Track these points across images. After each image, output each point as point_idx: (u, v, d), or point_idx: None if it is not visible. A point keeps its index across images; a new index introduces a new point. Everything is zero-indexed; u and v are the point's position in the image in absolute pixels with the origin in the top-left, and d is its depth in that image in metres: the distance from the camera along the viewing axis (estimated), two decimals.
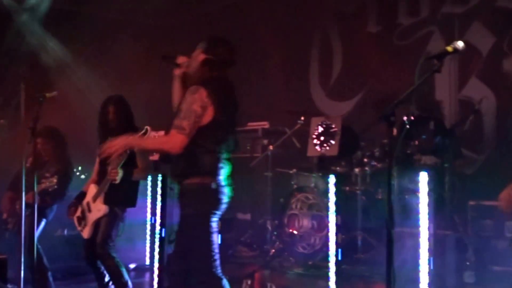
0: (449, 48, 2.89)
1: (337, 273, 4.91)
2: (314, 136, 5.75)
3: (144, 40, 8.21)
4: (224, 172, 3.72)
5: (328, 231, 5.05)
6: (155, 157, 5.96)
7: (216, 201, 3.68)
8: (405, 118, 4.87)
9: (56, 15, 7.86)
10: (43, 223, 5.62)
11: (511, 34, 6.09)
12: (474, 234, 5.23)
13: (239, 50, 8.50)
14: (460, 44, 2.89)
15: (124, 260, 5.16)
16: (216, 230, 3.76)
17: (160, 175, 5.56)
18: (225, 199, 3.74)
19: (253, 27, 8.39)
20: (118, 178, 4.89)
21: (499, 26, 6.20)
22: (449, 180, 5.34)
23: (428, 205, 4.45)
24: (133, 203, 5.18)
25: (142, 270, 6.43)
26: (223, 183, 3.71)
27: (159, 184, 5.56)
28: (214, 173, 3.67)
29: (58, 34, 7.98)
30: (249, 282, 5.46)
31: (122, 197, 5.12)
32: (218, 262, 3.76)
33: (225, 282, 3.76)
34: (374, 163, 5.57)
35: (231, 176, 3.79)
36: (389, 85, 6.59)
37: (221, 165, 3.70)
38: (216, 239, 3.77)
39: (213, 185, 3.66)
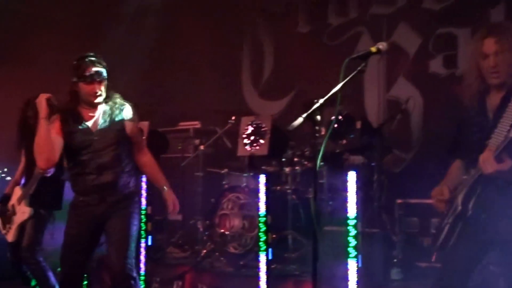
0: (373, 49, 2.95)
1: (267, 272, 4.91)
2: (244, 136, 5.74)
3: (63, 37, 7.99)
4: None
5: (259, 231, 5.05)
6: None
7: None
8: (332, 117, 4.91)
9: None
10: None
11: (436, 35, 6.26)
12: (401, 231, 5.34)
13: (171, 50, 8.46)
14: (383, 45, 2.95)
15: (55, 264, 4.98)
16: None
17: None
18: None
19: (184, 26, 8.31)
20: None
21: (425, 27, 6.36)
22: (377, 178, 5.43)
23: (356, 203, 4.50)
24: (59, 206, 5.04)
25: None
26: None
27: None
28: None
29: None
30: (179, 283, 5.40)
31: (47, 199, 4.98)
32: None
33: None
34: (304, 162, 5.61)
35: None
36: (320, 85, 6.65)
37: None
38: None
39: None
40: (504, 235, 2.98)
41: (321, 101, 2.75)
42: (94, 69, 3.81)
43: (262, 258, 4.93)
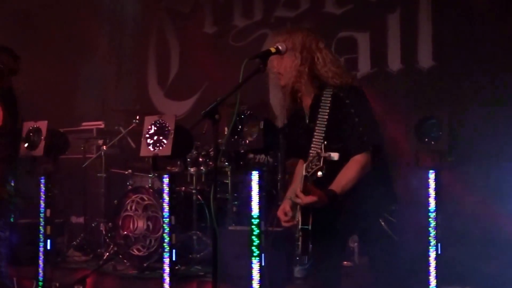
0: (272, 49, 2.99)
1: (171, 274, 4.86)
2: (147, 136, 5.64)
3: None
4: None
5: (163, 232, 4.99)
6: None
7: (7, 212, 3.70)
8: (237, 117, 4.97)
9: None
10: None
11: (338, 38, 6.42)
12: None
13: (74, 47, 8.21)
14: (282, 45, 3.00)
15: None
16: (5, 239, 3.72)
17: None
18: (12, 208, 3.80)
19: (87, 23, 8.10)
20: None
21: (327, 30, 6.51)
22: (281, 178, 5.50)
23: (259, 203, 4.52)
24: None
25: None
26: (13, 192, 3.72)
27: None
28: (4, 182, 3.68)
29: None
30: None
31: None
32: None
33: None
34: (209, 162, 5.60)
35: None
36: (226, 85, 6.65)
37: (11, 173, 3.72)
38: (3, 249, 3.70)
39: (5, 196, 3.66)
40: (349, 231, 3.15)
41: (219, 100, 2.76)
42: None
43: (166, 259, 4.88)
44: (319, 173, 2.76)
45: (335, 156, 2.70)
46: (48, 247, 5.38)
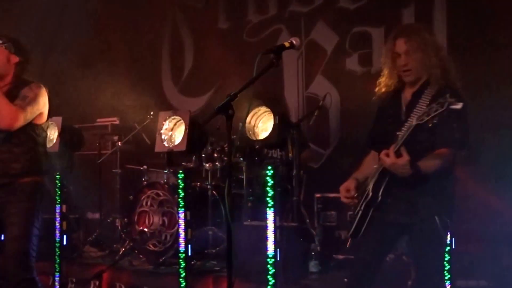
0: (286, 43, 3.00)
1: (187, 269, 4.89)
2: (161, 132, 5.66)
3: None
4: None
5: (179, 227, 5.01)
6: None
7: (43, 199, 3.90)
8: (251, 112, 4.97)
9: None
10: None
11: (352, 33, 6.41)
12: (319, 225, 5.44)
13: (89, 44, 8.22)
14: (296, 40, 3.02)
15: None
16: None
17: None
18: None
19: (102, 20, 8.14)
20: None
21: (341, 26, 6.50)
22: (296, 173, 5.49)
23: (274, 198, 4.53)
24: None
25: None
26: None
27: None
28: (47, 171, 3.95)
29: None
30: (97, 283, 5.29)
31: None
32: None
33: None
34: (224, 158, 5.60)
35: None
36: (240, 81, 6.65)
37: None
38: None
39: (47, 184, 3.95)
40: (406, 217, 3.13)
41: (232, 95, 2.78)
42: None
43: (182, 254, 4.91)
44: (435, 120, 2.84)
45: (459, 105, 2.81)
46: (64, 243, 5.43)
